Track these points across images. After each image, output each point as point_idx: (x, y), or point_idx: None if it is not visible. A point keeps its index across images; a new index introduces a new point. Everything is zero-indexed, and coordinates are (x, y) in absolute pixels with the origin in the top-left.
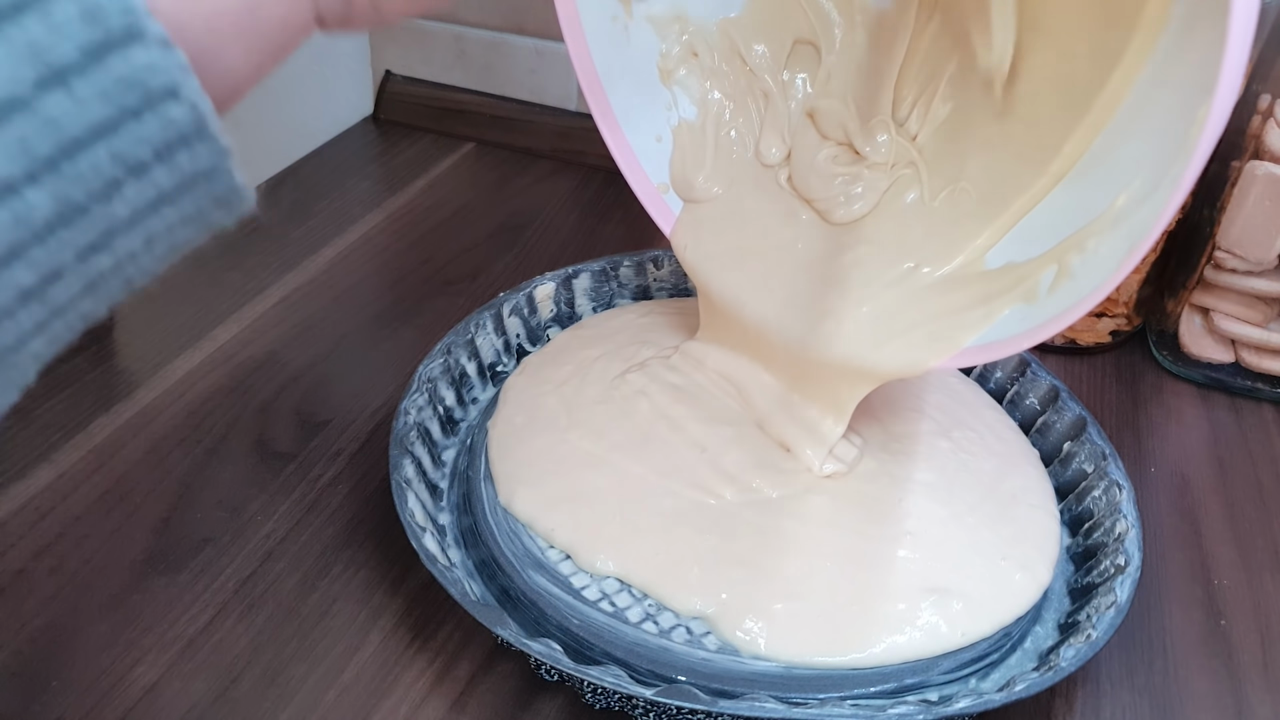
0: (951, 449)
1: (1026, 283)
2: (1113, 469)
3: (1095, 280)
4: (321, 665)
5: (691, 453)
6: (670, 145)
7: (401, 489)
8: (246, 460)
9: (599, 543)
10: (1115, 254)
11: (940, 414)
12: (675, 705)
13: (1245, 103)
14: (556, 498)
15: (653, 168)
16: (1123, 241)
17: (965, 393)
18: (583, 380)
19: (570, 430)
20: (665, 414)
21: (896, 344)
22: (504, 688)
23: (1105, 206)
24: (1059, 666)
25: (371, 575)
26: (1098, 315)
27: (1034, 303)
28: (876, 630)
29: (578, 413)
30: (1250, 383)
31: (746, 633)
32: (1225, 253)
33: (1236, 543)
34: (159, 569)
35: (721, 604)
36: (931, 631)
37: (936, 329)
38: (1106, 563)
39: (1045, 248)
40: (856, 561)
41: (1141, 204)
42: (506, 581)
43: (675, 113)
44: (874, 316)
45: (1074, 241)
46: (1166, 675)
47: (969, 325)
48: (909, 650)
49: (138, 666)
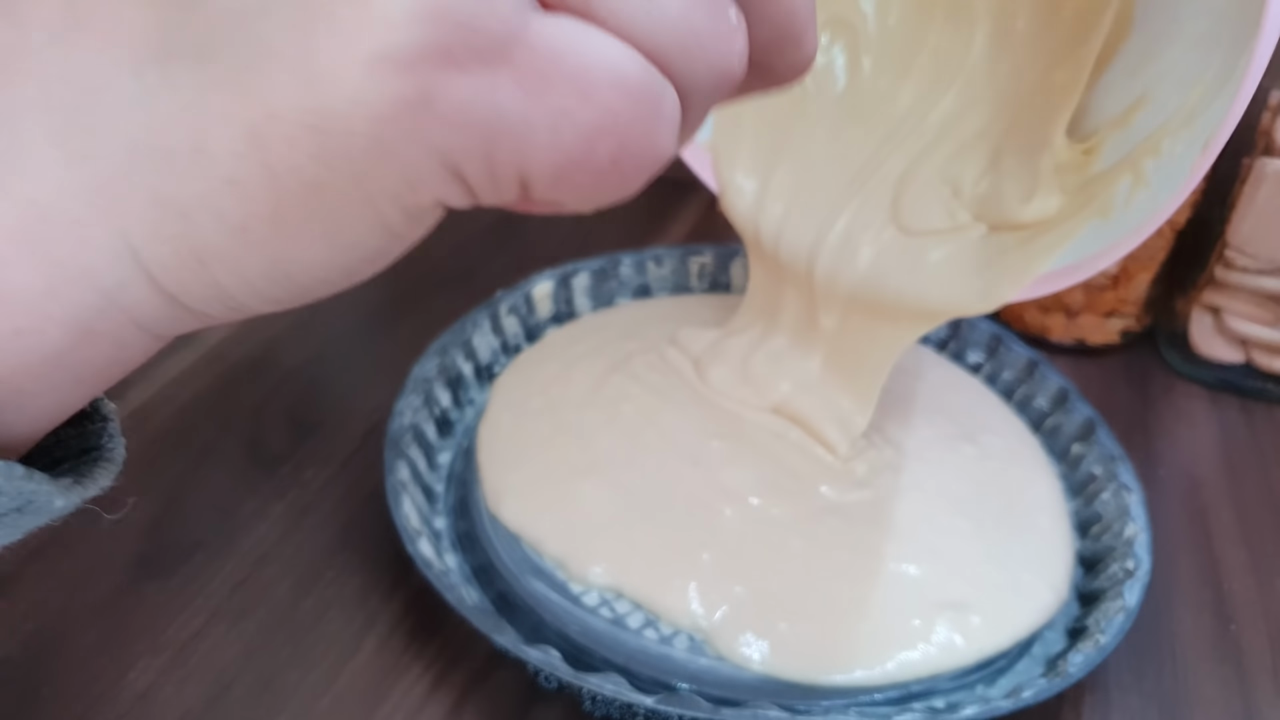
0: (977, 455)
1: (1102, 196)
2: (1122, 471)
3: (1171, 186)
4: (315, 672)
5: (684, 465)
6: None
7: (396, 492)
8: (238, 463)
9: (591, 556)
10: (1190, 154)
11: (965, 416)
12: (677, 713)
13: (1256, 99)
14: (544, 507)
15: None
16: (1197, 138)
17: (987, 393)
18: (567, 380)
19: (555, 436)
20: (652, 420)
21: (966, 276)
22: (501, 695)
23: (1179, 104)
24: (1067, 673)
25: (366, 580)
26: (1107, 315)
27: (1110, 217)
28: (887, 647)
29: (563, 415)
30: (1261, 384)
31: (746, 648)
32: (1236, 251)
33: (1247, 546)
34: (150, 574)
35: (721, 619)
36: (946, 648)
37: (1009, 257)
38: (1115, 567)
39: (1120, 155)
40: (870, 579)
41: (1214, 99)
42: (504, 587)
43: None
44: (940, 245)
45: (1148, 145)
46: (1176, 681)
47: (1044, 249)
48: (922, 668)
49: (129, 673)
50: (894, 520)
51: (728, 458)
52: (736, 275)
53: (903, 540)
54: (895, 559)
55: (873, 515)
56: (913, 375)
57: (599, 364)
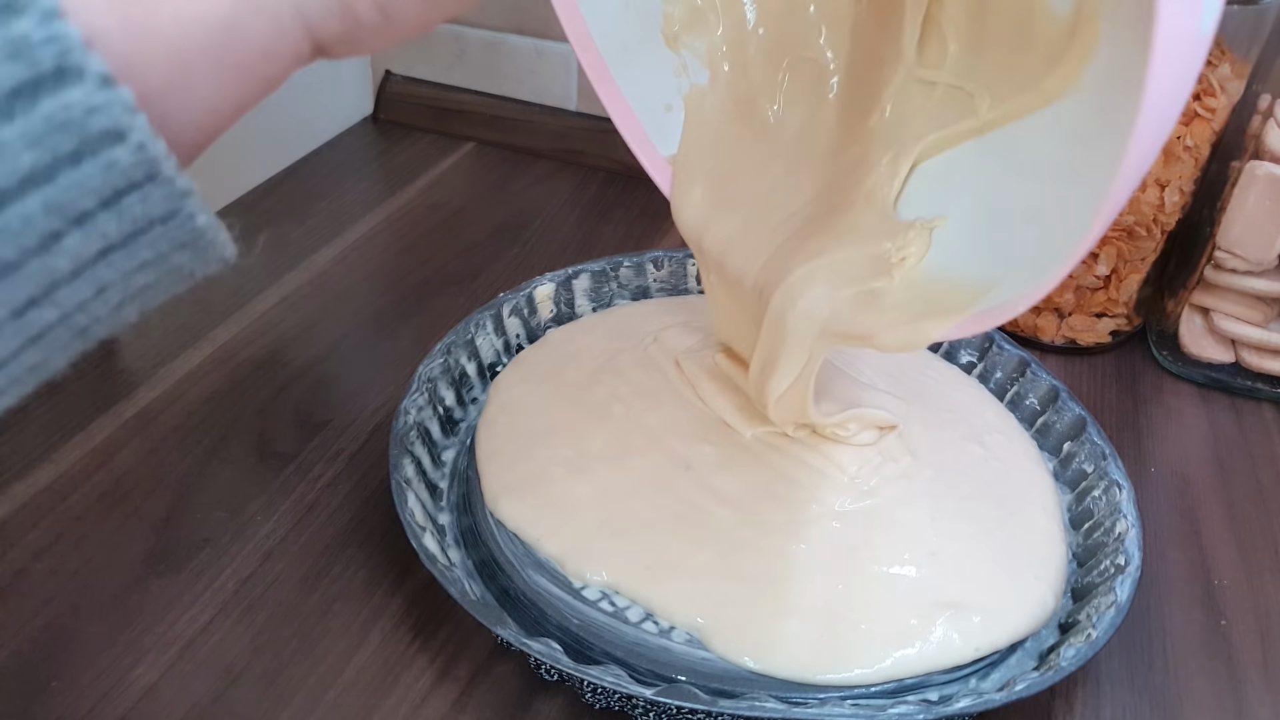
0: (984, 456)
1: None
2: (1113, 469)
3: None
4: (321, 665)
5: (676, 470)
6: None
7: (401, 489)
8: (246, 460)
9: (590, 556)
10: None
11: (974, 416)
12: (675, 705)
13: (1245, 103)
14: (540, 505)
15: (661, 138)
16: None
17: (986, 392)
18: (559, 379)
19: (548, 435)
20: (640, 422)
21: (894, 314)
22: (504, 687)
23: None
24: (1059, 666)
25: (371, 575)
26: (1097, 315)
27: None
28: (884, 647)
29: (555, 415)
30: (1250, 383)
31: (741, 649)
32: (1225, 253)
33: (1236, 543)
34: (159, 569)
35: (716, 620)
36: (944, 646)
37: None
38: (1106, 562)
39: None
40: (869, 583)
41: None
42: (506, 581)
43: (686, 78)
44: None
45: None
46: (1166, 675)
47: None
48: (918, 665)
49: (137, 667)
50: (896, 523)
51: (721, 463)
52: None
53: (903, 542)
54: (895, 561)
55: (874, 519)
56: (923, 373)
57: (587, 364)
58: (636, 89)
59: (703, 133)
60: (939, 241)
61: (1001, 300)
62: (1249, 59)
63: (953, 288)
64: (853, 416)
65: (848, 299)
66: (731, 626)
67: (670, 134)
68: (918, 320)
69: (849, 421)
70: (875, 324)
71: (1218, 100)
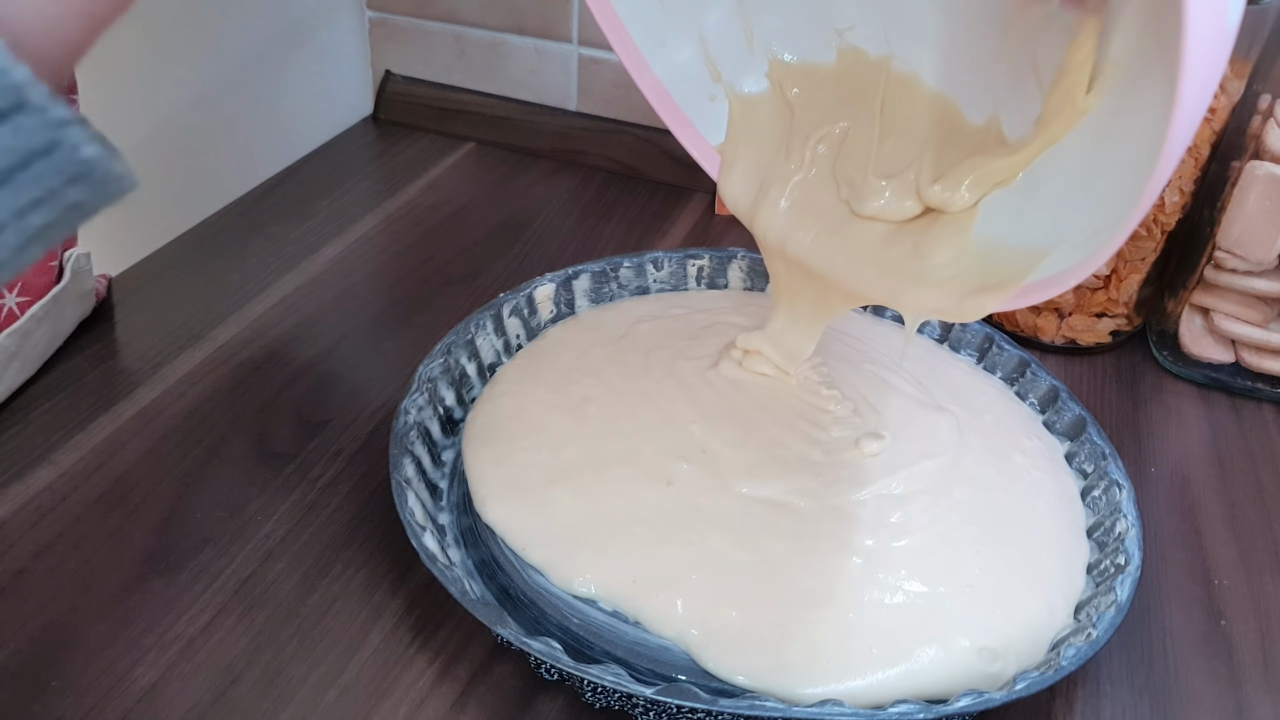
0: (1027, 466)
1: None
2: (1112, 469)
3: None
4: (321, 665)
5: (657, 484)
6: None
7: (401, 488)
8: (246, 460)
9: (575, 565)
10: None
11: (1013, 419)
12: (675, 704)
13: (1246, 103)
14: (524, 512)
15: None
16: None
17: (1009, 391)
18: (536, 381)
19: (524, 438)
20: (617, 427)
21: (951, 284)
22: (504, 687)
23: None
24: (1059, 665)
25: (371, 575)
26: (1098, 315)
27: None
28: (896, 673)
29: (531, 417)
30: (1250, 383)
31: (734, 668)
32: (1225, 253)
33: (1236, 543)
34: (159, 569)
35: (708, 637)
36: (966, 677)
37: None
38: (1107, 562)
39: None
40: (890, 614)
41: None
42: (506, 581)
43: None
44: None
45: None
46: (1166, 675)
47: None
48: (927, 687)
49: (138, 667)
50: (940, 564)
51: (699, 484)
52: (734, 278)
53: (919, 566)
54: (931, 597)
55: (905, 562)
56: (951, 371)
57: (562, 362)
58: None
59: (751, 131)
60: (991, 213)
61: (1054, 270)
62: (1249, 59)
63: (1006, 259)
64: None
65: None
66: (722, 643)
67: (709, 119)
68: (976, 294)
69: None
70: (937, 296)
71: (1218, 100)
